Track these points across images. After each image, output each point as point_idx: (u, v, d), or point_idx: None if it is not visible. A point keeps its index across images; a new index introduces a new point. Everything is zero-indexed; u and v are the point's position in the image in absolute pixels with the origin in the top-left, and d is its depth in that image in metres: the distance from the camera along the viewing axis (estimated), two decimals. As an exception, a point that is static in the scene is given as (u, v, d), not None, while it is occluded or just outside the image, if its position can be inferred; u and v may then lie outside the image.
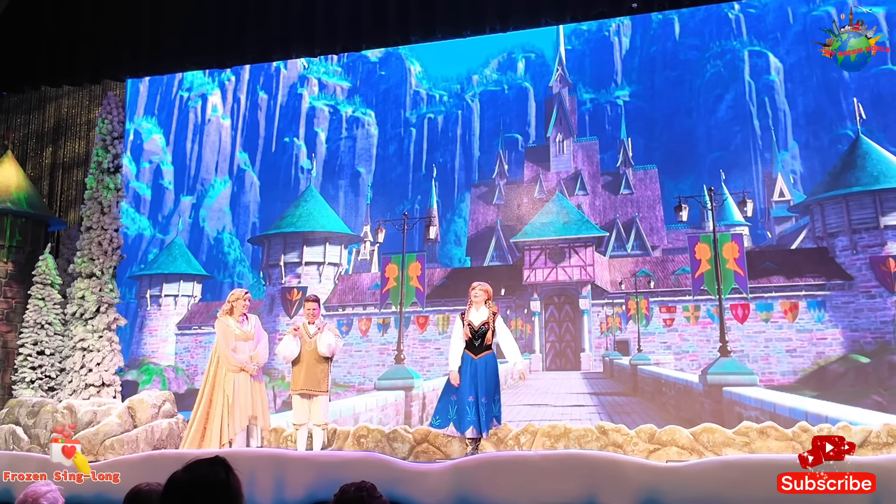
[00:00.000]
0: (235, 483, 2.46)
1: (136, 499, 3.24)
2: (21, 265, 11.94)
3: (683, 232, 16.95)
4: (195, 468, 2.45)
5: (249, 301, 8.53)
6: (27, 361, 11.01)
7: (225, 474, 2.44)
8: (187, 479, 2.43)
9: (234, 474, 2.47)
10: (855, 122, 15.72)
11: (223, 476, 2.44)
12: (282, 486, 6.21)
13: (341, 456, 6.74)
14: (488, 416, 7.56)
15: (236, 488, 2.45)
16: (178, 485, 2.43)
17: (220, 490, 2.41)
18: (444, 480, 5.93)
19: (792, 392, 13.14)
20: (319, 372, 8.38)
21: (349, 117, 21.19)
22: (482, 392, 7.56)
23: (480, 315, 7.80)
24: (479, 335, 7.72)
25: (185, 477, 2.44)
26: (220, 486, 2.42)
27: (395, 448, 9.88)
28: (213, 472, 2.44)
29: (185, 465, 2.47)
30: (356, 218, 19.80)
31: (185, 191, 21.87)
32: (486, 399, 7.56)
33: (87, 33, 11.44)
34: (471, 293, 7.90)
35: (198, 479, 2.42)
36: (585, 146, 19.23)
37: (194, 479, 2.42)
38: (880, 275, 14.39)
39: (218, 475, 2.43)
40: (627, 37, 20.10)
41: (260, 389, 8.34)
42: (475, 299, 7.84)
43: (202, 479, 2.42)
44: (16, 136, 13.11)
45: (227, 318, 8.29)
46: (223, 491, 2.41)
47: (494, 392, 7.69)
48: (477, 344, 7.71)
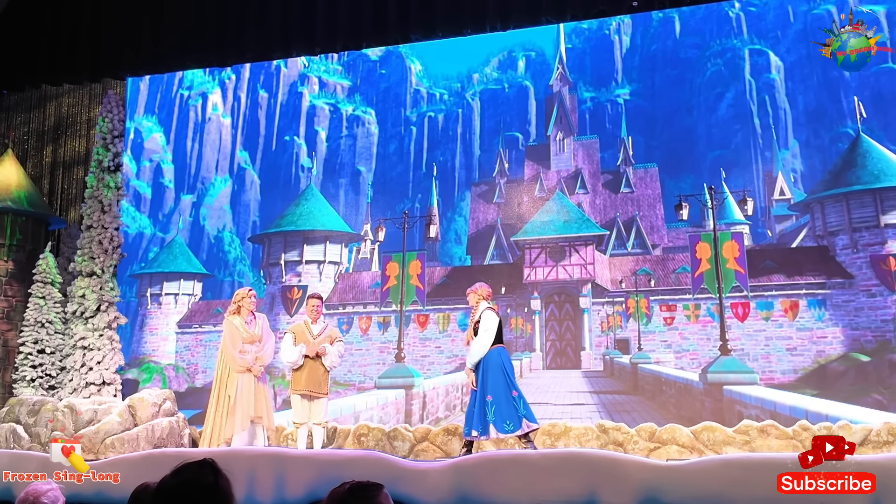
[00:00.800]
0: (225, 486, 2.45)
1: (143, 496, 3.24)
2: (21, 264, 11.94)
3: (684, 230, 16.95)
4: (183, 472, 2.44)
5: (255, 298, 8.52)
6: (28, 360, 11.01)
7: (214, 477, 2.43)
8: (176, 483, 2.42)
9: (223, 476, 2.46)
10: (855, 120, 15.72)
11: (212, 479, 2.43)
12: (282, 485, 6.21)
13: (342, 454, 6.75)
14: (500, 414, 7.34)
15: (226, 491, 2.44)
16: (167, 489, 2.43)
17: (208, 493, 2.41)
18: (444, 479, 5.94)
19: (792, 390, 13.14)
20: (321, 374, 8.37)
21: (349, 116, 21.19)
22: (486, 391, 7.48)
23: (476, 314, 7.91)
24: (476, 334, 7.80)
25: (173, 481, 2.43)
26: (209, 490, 2.41)
27: (395, 447, 9.88)
28: (201, 476, 2.43)
29: (173, 469, 2.46)
30: (356, 216, 19.80)
31: (186, 189, 21.87)
32: (491, 397, 7.42)
33: (87, 32, 11.44)
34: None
35: (186, 483, 2.42)
36: (586, 145, 19.22)
37: (183, 483, 2.42)
38: (881, 273, 14.38)
39: (206, 478, 2.43)
40: (628, 35, 20.09)
41: (264, 390, 8.32)
42: (470, 303, 8.08)
43: (191, 482, 2.42)
44: (16, 135, 13.11)
45: (234, 318, 8.28)
46: (212, 494, 2.41)
47: (504, 388, 7.46)
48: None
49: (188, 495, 2.40)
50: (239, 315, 8.29)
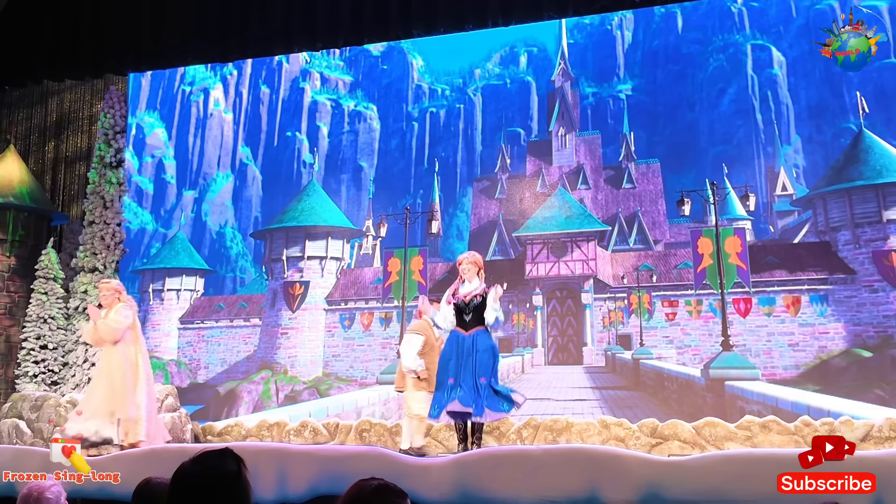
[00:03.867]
0: (246, 475, 2.40)
1: (146, 491, 3.23)
2: (24, 260, 11.95)
3: (686, 226, 16.94)
4: (206, 459, 2.39)
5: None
6: (30, 356, 11.03)
7: (237, 466, 2.38)
8: (198, 470, 2.36)
9: (244, 466, 2.41)
10: (858, 115, 15.68)
11: (235, 468, 2.38)
12: (284, 481, 6.22)
13: (343, 450, 6.74)
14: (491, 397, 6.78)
15: (247, 481, 2.39)
16: (188, 476, 2.36)
17: (230, 482, 2.35)
18: (446, 475, 5.94)
19: (794, 386, 13.15)
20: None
21: (351, 111, 21.18)
22: (479, 372, 6.82)
23: (471, 287, 7.12)
24: (470, 308, 7.02)
25: (195, 468, 2.37)
26: (232, 479, 2.36)
27: (397, 442, 9.88)
28: (224, 464, 2.38)
29: (193, 457, 2.40)
30: (358, 212, 19.81)
31: (188, 185, 21.89)
32: (484, 379, 6.81)
33: (89, 27, 11.43)
34: (459, 267, 7.23)
35: (210, 470, 2.36)
36: (588, 140, 19.21)
37: (206, 470, 2.36)
38: (883, 269, 14.37)
39: (229, 467, 2.37)
40: (630, 31, 20.05)
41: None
42: (465, 273, 7.17)
43: (214, 470, 2.36)
44: (18, 131, 13.11)
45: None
46: (234, 483, 2.36)
47: (493, 370, 6.91)
48: (468, 318, 7.01)
49: (210, 483, 2.34)
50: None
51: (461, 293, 7.12)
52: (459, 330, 7.04)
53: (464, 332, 7.01)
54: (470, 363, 6.87)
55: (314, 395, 16.70)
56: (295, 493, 6.19)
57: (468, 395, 6.74)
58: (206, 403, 17.17)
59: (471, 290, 7.09)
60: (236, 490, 2.36)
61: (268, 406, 16.53)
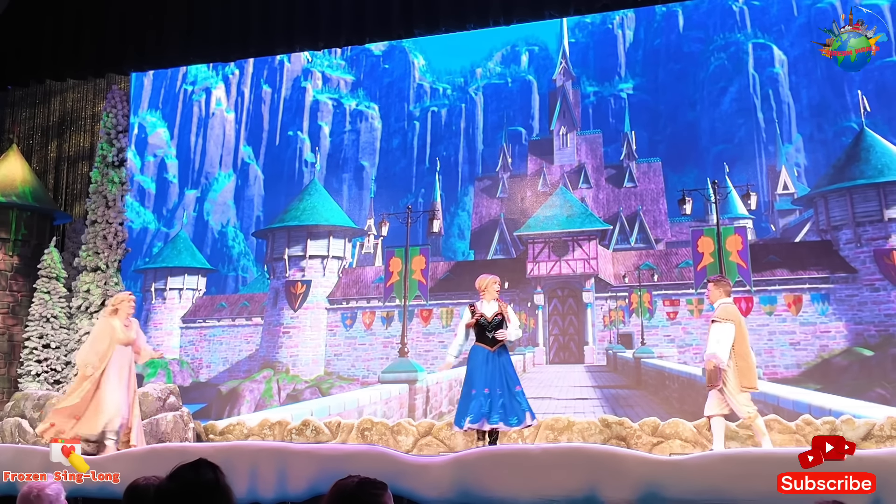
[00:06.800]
0: (224, 481, 2.42)
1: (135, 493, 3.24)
2: (26, 259, 11.98)
3: (687, 225, 16.94)
4: (181, 474, 2.40)
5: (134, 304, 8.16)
6: (33, 354, 11.06)
7: (213, 474, 2.40)
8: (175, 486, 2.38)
9: (221, 472, 2.43)
10: (859, 114, 15.67)
11: (212, 476, 2.40)
12: (284, 480, 6.23)
13: (344, 449, 6.76)
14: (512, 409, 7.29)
15: (226, 486, 2.41)
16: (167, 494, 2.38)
17: (210, 491, 2.38)
18: (445, 473, 5.95)
19: (795, 385, 13.14)
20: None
21: (353, 111, 21.21)
22: (503, 384, 7.35)
23: (492, 307, 7.57)
24: (493, 326, 7.46)
25: (171, 485, 2.38)
26: (211, 488, 2.38)
27: (399, 441, 9.91)
28: (200, 475, 2.40)
29: (169, 474, 2.41)
30: (360, 211, 19.84)
31: (190, 184, 21.93)
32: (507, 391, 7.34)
33: (91, 27, 11.45)
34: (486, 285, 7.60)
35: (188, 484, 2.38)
36: (589, 139, 19.21)
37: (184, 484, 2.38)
38: (884, 268, 14.36)
39: (206, 476, 2.39)
40: (631, 29, 20.06)
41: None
42: (491, 294, 7.60)
43: (191, 483, 2.38)
44: (21, 130, 13.13)
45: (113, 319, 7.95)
46: (213, 491, 2.38)
47: (516, 384, 7.45)
48: (491, 336, 7.44)
49: (190, 496, 2.37)
50: (117, 317, 8.07)
51: (486, 313, 7.59)
52: (485, 347, 7.53)
53: (490, 349, 7.51)
54: (502, 377, 7.44)
55: (316, 393, 16.73)
56: (295, 492, 6.21)
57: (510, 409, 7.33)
58: (208, 402, 17.21)
59: (493, 310, 7.60)
60: (216, 497, 2.39)
61: (270, 405, 16.56)
